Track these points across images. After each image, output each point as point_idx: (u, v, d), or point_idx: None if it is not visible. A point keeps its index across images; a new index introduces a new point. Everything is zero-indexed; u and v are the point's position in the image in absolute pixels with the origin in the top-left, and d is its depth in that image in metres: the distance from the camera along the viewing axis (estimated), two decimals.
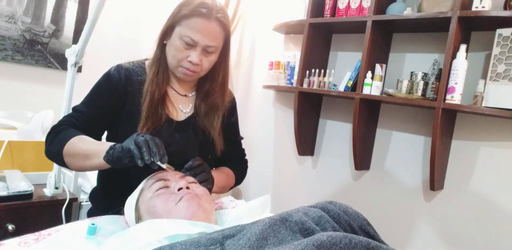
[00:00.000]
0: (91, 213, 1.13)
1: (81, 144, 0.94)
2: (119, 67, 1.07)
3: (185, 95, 1.12)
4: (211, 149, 1.12)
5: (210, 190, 1.01)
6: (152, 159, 0.80)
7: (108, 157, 0.84)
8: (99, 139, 1.08)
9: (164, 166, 0.85)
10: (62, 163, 0.98)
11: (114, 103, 1.04)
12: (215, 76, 1.11)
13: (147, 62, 1.11)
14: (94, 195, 1.16)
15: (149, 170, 0.95)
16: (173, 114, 1.07)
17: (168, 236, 0.71)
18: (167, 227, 0.73)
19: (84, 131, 1.00)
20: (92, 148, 0.90)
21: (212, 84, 1.12)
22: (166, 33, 1.03)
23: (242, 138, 1.29)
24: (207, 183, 0.99)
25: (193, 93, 1.14)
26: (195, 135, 1.08)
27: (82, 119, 1.03)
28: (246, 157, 1.31)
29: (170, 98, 1.08)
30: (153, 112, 1.02)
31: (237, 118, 1.27)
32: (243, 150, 1.31)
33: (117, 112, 1.04)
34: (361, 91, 1.62)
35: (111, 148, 0.85)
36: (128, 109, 1.04)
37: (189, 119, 1.10)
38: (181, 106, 1.10)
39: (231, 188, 1.23)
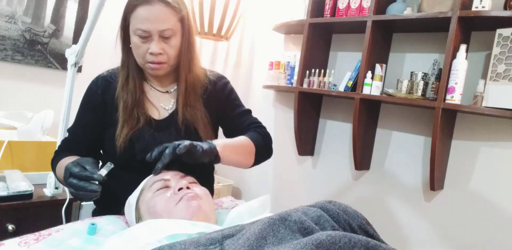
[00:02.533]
0: (95, 213, 1.15)
1: (59, 174, 1.00)
2: (97, 78, 1.10)
3: (167, 92, 1.11)
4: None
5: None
6: (96, 189, 0.81)
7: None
8: (99, 152, 1.13)
9: (105, 171, 0.86)
10: None
11: (96, 117, 1.06)
12: (185, 58, 1.05)
13: None
14: None
15: (147, 170, 0.95)
16: (154, 114, 1.06)
17: (167, 236, 0.71)
18: (167, 227, 0.73)
19: (77, 151, 1.04)
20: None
21: (184, 67, 1.06)
22: (125, 36, 1.03)
23: (250, 110, 1.21)
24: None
25: (175, 87, 1.10)
26: (177, 132, 1.05)
27: (73, 140, 1.08)
28: (263, 125, 1.19)
29: (149, 99, 1.07)
30: (129, 117, 1.01)
31: (236, 96, 1.21)
32: (256, 118, 1.20)
33: (102, 124, 1.06)
34: (361, 91, 1.62)
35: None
36: (109, 117, 1.05)
37: (171, 115, 1.07)
38: (163, 104, 1.09)
39: (258, 159, 1.09)
